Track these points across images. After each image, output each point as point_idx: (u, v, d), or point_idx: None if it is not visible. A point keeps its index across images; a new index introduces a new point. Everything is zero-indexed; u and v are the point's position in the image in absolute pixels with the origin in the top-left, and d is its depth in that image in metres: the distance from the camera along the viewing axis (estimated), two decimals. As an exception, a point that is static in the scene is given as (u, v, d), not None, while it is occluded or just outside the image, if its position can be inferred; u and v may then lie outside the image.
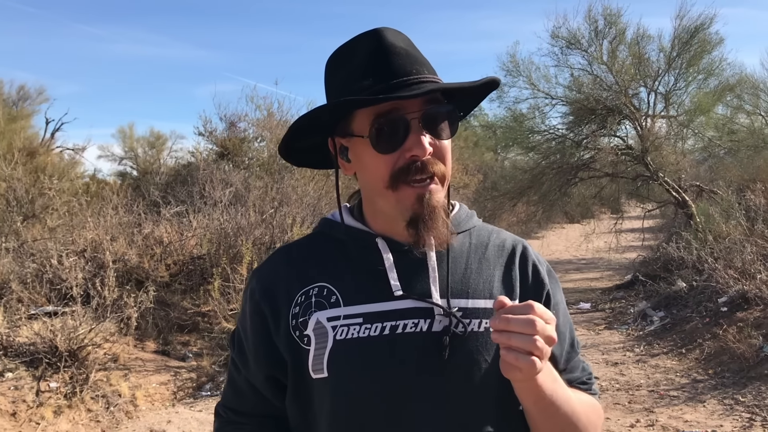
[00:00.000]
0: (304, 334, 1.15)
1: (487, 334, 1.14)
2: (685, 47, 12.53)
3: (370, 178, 1.15)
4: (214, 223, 8.74)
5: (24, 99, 21.02)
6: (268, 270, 1.25)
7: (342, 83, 1.15)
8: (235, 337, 1.28)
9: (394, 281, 1.14)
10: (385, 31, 1.15)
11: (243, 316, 1.26)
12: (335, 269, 1.19)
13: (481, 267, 1.22)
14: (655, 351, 7.53)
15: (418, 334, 1.12)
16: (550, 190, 13.70)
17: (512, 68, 13.39)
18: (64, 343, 5.71)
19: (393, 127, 1.10)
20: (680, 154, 12.62)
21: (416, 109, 1.10)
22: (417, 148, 1.09)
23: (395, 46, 1.13)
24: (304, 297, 1.17)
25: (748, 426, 5.03)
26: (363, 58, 1.13)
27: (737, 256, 8.19)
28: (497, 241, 1.29)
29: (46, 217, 9.37)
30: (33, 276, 6.99)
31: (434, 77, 1.14)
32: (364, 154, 1.14)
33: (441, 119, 1.13)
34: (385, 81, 1.10)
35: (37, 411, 5.24)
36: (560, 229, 25.50)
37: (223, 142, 14.48)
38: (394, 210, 1.14)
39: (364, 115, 1.12)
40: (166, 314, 7.50)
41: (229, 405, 1.29)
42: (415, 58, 1.14)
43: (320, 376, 1.13)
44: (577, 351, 1.33)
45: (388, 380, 1.11)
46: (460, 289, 1.17)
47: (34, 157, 14.82)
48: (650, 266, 11.05)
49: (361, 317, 1.13)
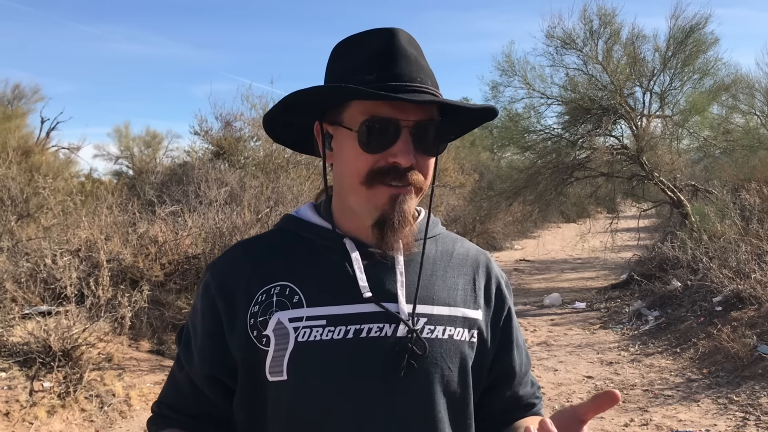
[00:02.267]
0: (263, 335, 1.10)
1: (449, 341, 1.15)
2: (680, 47, 12.55)
3: (347, 172, 1.13)
4: (209, 223, 8.72)
5: (19, 98, 20.99)
6: (225, 264, 1.19)
7: (345, 71, 1.13)
8: (182, 333, 1.23)
9: (362, 283, 1.12)
10: (401, 33, 1.14)
11: (194, 311, 1.20)
12: (299, 268, 1.15)
13: (446, 275, 1.22)
14: (649, 350, 7.54)
15: (382, 339, 1.10)
16: (545, 190, 13.70)
17: (507, 68, 13.40)
18: (58, 343, 5.69)
19: (384, 129, 1.08)
20: (675, 154, 12.63)
21: (411, 118, 1.09)
22: (402, 155, 1.08)
23: (406, 50, 1.12)
24: (265, 296, 1.12)
25: (742, 425, 5.04)
26: (372, 53, 1.12)
27: (732, 255, 8.21)
28: (461, 251, 1.28)
29: (41, 217, 9.33)
30: (27, 275, 6.96)
31: (436, 91, 1.13)
32: (347, 146, 1.12)
33: (432, 135, 1.12)
34: (388, 81, 1.09)
35: (30, 411, 5.22)
36: (556, 228, 25.55)
37: (219, 142, 14.47)
38: (363, 208, 1.12)
39: (358, 108, 1.10)
40: (161, 314, 7.48)
41: (165, 401, 1.24)
42: (423, 68, 1.13)
43: (278, 378, 1.09)
44: (529, 362, 1.37)
45: (350, 385, 1.09)
46: (425, 295, 1.16)
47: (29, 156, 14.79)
48: (645, 266, 11.07)
49: (324, 319, 1.10)
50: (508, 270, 15.59)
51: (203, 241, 8.34)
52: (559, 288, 12.38)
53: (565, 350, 7.81)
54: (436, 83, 1.15)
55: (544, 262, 16.90)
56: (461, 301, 1.20)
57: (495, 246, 20.14)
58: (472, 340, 1.20)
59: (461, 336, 1.18)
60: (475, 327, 1.21)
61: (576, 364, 7.20)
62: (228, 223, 8.59)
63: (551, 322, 9.57)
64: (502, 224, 19.75)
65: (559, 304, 10.82)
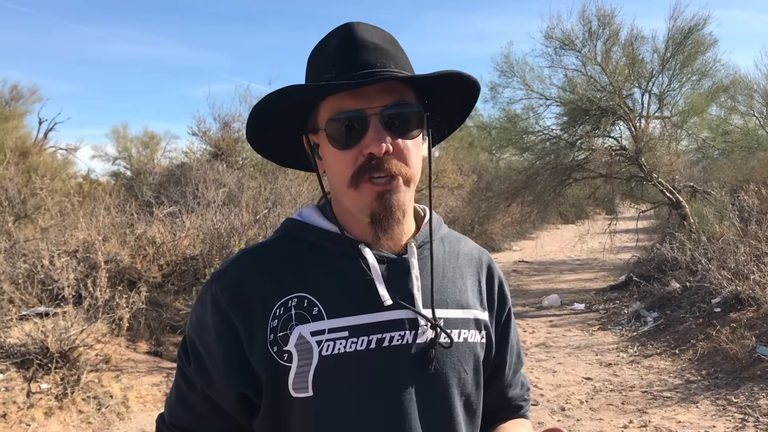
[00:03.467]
0: (284, 350, 1.05)
1: (465, 344, 1.15)
2: (679, 48, 12.55)
3: (334, 176, 1.11)
4: (207, 224, 8.70)
5: (17, 98, 20.92)
6: (234, 276, 1.12)
7: (312, 77, 1.11)
8: (188, 350, 1.14)
9: (383, 291, 1.08)
10: (357, 26, 1.11)
11: (202, 328, 1.12)
12: (313, 277, 1.10)
13: (455, 276, 1.20)
14: (648, 352, 7.53)
15: (405, 347, 1.08)
16: (544, 191, 13.69)
17: (506, 69, 13.39)
18: (56, 344, 5.67)
19: (350, 123, 1.05)
20: (674, 155, 12.62)
21: (376, 104, 1.05)
22: (373, 145, 1.04)
23: (363, 40, 1.08)
24: (283, 309, 1.07)
25: (741, 427, 5.03)
26: (331, 51, 1.09)
27: (731, 256, 8.20)
28: (466, 250, 1.27)
29: (38, 218, 9.32)
30: (24, 276, 6.94)
31: (402, 71, 1.08)
32: (327, 150, 1.09)
33: (404, 117, 1.07)
34: (346, 73, 1.05)
35: (27, 412, 5.20)
36: (555, 229, 25.55)
37: (217, 143, 14.48)
38: (355, 209, 1.10)
39: (326, 109, 1.07)
40: (159, 315, 7.46)
41: (178, 423, 1.15)
42: (385, 52, 1.08)
43: (303, 395, 1.05)
44: (522, 362, 1.35)
45: (378, 396, 1.06)
46: (439, 299, 1.14)
47: (27, 157, 14.77)
48: (644, 267, 11.06)
49: (346, 330, 1.06)
50: (506, 271, 15.59)
51: (201, 242, 8.33)
52: (557, 289, 12.37)
53: (564, 351, 7.80)
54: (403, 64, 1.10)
55: (543, 263, 16.89)
56: (472, 303, 1.20)
57: (493, 247, 20.13)
58: (483, 341, 1.20)
59: (474, 338, 1.17)
60: (485, 328, 1.21)
61: (575, 365, 7.19)
62: (226, 224, 8.58)
63: (550, 323, 9.56)
64: (500, 225, 19.75)
65: (558, 306, 10.81)
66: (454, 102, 1.19)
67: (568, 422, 5.42)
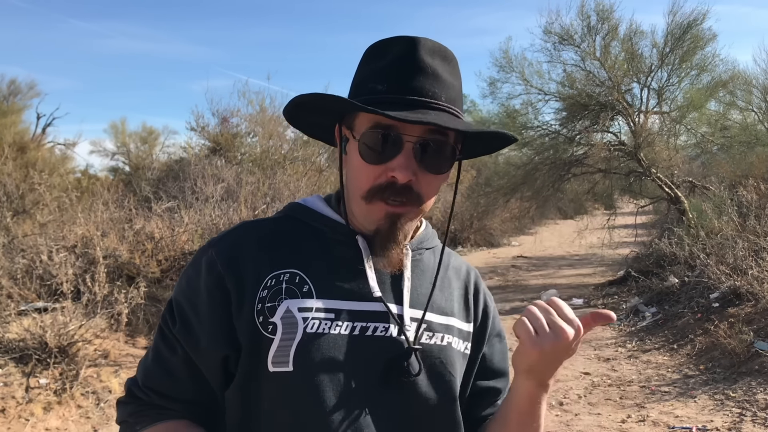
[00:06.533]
0: (270, 321, 1.06)
1: (448, 348, 1.17)
2: (677, 43, 12.53)
3: (353, 182, 1.12)
4: (205, 219, 8.71)
5: (15, 94, 20.89)
6: (231, 243, 1.14)
7: (364, 77, 1.12)
8: (174, 312, 1.14)
9: (373, 282, 1.11)
10: (423, 43, 1.09)
11: (190, 288, 1.13)
12: (308, 258, 1.13)
13: (443, 285, 1.23)
14: (646, 347, 7.54)
15: (386, 339, 1.10)
16: (543, 186, 13.71)
17: (505, 64, 13.39)
18: (54, 339, 5.67)
19: (384, 142, 1.06)
20: (673, 150, 12.62)
21: (416, 133, 1.06)
22: (400, 170, 1.05)
23: (423, 62, 1.08)
24: (274, 281, 1.09)
25: (738, 421, 5.04)
26: (389, 61, 1.09)
27: (729, 252, 8.21)
28: (455, 264, 1.30)
29: (37, 213, 9.32)
30: (23, 272, 6.94)
31: (450, 107, 1.09)
32: (354, 154, 1.10)
33: (436, 154, 1.08)
34: (396, 93, 1.06)
35: (26, 407, 5.21)
36: (553, 225, 25.57)
37: (216, 138, 14.48)
38: (362, 218, 1.13)
39: (366, 117, 1.08)
40: (158, 310, 7.46)
41: (153, 386, 1.13)
42: (441, 81, 1.08)
43: (282, 369, 1.05)
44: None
45: (353, 381, 1.08)
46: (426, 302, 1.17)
47: (25, 153, 14.76)
48: (643, 262, 11.08)
49: (333, 312, 1.08)
50: (505, 266, 15.61)
51: (200, 237, 8.33)
52: (556, 284, 12.38)
53: (563, 346, 7.80)
54: (455, 97, 1.11)
55: (542, 258, 16.90)
56: (457, 313, 1.23)
57: (492, 242, 20.15)
58: (466, 351, 1.22)
59: (458, 346, 1.20)
60: (469, 340, 1.23)
61: (573, 360, 7.20)
62: (225, 219, 8.59)
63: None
64: (499, 221, 19.76)
65: (557, 301, 10.80)
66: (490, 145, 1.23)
67: (566, 417, 5.43)
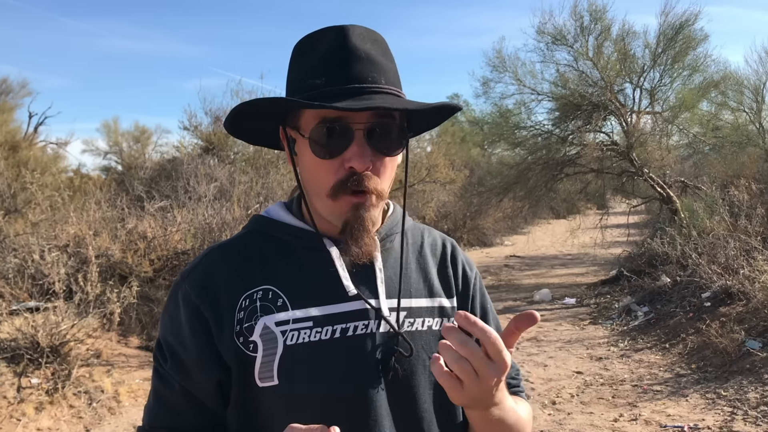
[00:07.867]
0: (250, 341, 1.08)
1: (429, 332, 1.17)
2: (670, 43, 12.59)
3: (312, 181, 1.11)
4: (198, 218, 8.69)
5: (6, 92, 20.75)
6: (202, 272, 1.14)
7: (298, 75, 1.11)
8: (164, 349, 1.15)
9: (347, 281, 1.11)
10: (352, 30, 1.09)
11: (173, 324, 1.14)
12: (279, 271, 1.13)
13: (419, 266, 1.23)
14: (639, 346, 7.57)
15: (369, 336, 1.11)
16: (536, 186, 13.73)
17: (498, 64, 13.41)
18: (46, 339, 5.65)
19: (334, 135, 1.05)
20: (665, 150, 12.67)
21: (363, 120, 1.05)
22: (356, 159, 1.05)
23: (357, 49, 1.07)
24: (248, 301, 1.10)
25: (730, 420, 5.07)
26: (323, 54, 1.08)
27: (721, 251, 8.25)
28: (430, 240, 1.30)
29: (29, 212, 9.28)
30: (15, 271, 6.91)
31: (392, 88, 1.08)
32: (305, 153, 1.10)
33: (387, 134, 1.08)
34: (336, 84, 1.05)
35: (18, 407, 5.18)
36: (546, 224, 25.61)
37: (209, 137, 14.44)
38: (329, 215, 1.12)
39: (310, 114, 1.07)
40: (150, 310, 7.45)
41: (161, 424, 1.14)
42: (377, 65, 1.08)
43: (269, 384, 1.07)
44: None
45: (343, 384, 1.08)
46: (403, 288, 1.17)
47: (17, 152, 14.67)
48: (635, 262, 11.11)
49: (311, 320, 1.09)
50: (498, 266, 15.63)
51: (192, 236, 8.31)
52: (549, 284, 12.41)
53: (555, 346, 7.83)
54: (393, 79, 1.10)
55: (534, 258, 16.93)
56: (437, 291, 1.22)
57: (485, 242, 20.18)
58: None
59: (438, 326, 1.19)
60: (450, 316, 1.22)
61: (566, 359, 7.22)
62: (217, 218, 8.57)
63: (541, 317, 9.54)
64: (492, 220, 19.79)
65: (549, 300, 10.84)
66: (434, 119, 1.22)
67: (559, 416, 5.45)
